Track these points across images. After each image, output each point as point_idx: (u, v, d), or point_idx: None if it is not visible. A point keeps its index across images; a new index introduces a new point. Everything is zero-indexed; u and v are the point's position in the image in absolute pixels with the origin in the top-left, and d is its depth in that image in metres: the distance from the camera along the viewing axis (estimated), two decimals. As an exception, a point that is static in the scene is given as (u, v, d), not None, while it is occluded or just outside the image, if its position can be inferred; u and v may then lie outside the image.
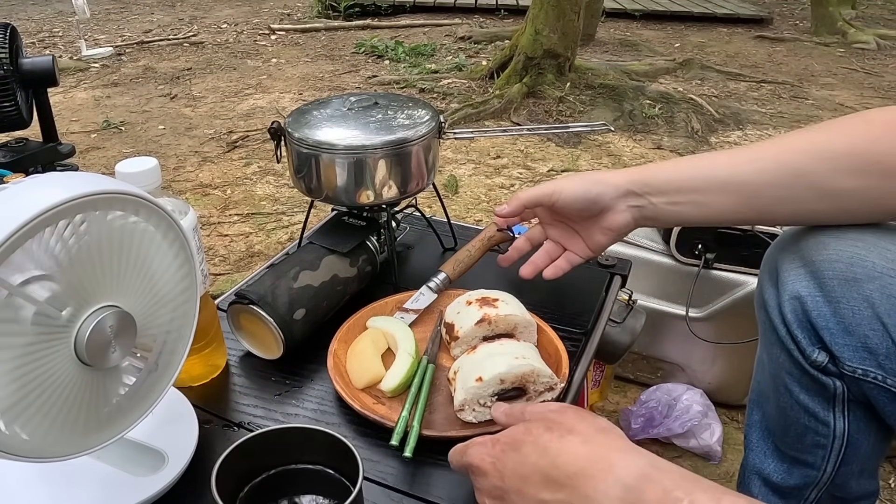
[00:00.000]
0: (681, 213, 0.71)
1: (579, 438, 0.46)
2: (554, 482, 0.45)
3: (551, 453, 0.46)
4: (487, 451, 0.51)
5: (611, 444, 0.45)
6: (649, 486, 0.41)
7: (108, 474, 0.61)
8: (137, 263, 0.53)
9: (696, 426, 1.22)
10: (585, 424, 0.48)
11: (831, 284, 0.65)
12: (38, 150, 1.42)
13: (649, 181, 0.72)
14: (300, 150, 0.89)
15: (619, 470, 0.43)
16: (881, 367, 0.64)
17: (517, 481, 0.47)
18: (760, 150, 0.68)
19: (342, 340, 0.79)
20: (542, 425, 0.49)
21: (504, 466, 0.49)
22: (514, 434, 0.50)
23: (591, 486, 0.43)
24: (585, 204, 0.74)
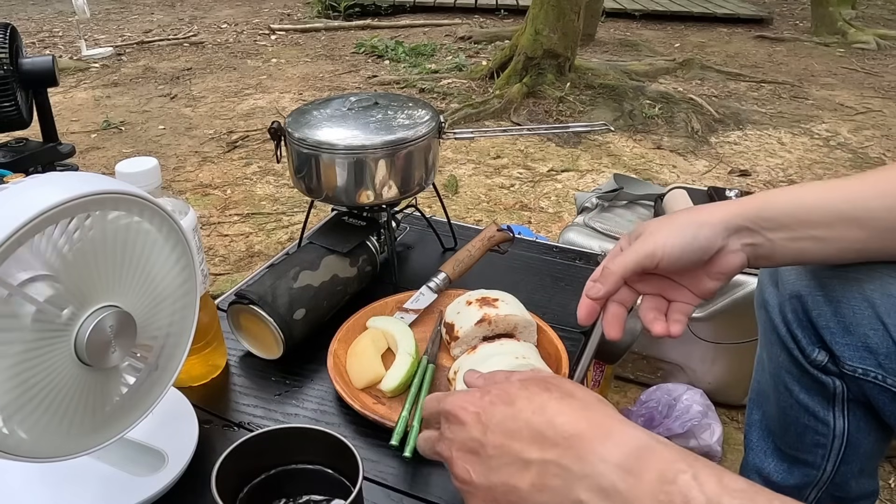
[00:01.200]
0: (801, 251, 0.61)
1: (579, 403, 0.44)
2: (546, 440, 0.43)
3: (549, 412, 0.44)
4: (472, 401, 0.47)
5: (612, 415, 0.43)
6: (651, 456, 0.39)
7: (108, 474, 0.61)
8: (137, 263, 0.53)
9: (696, 426, 1.22)
10: (584, 392, 0.46)
11: (832, 284, 0.65)
12: (38, 150, 1.42)
13: (764, 214, 0.61)
14: (300, 150, 0.89)
15: (620, 437, 0.41)
16: (881, 366, 0.64)
17: (501, 436, 0.44)
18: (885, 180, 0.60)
19: (342, 340, 0.79)
20: (540, 385, 0.46)
21: (490, 419, 0.45)
22: (509, 388, 0.47)
23: (588, 448, 0.41)
24: (696, 255, 0.61)
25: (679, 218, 0.62)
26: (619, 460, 0.40)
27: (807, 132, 2.96)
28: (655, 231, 0.61)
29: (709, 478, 0.37)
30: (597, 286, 0.62)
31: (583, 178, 2.45)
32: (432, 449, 0.51)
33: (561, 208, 2.20)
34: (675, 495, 0.37)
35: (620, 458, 0.40)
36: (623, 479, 0.39)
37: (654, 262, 0.60)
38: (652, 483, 0.38)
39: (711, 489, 0.37)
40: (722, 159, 2.66)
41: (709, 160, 2.66)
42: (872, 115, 3.20)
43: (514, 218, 2.14)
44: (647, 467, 0.39)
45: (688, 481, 0.37)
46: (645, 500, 0.38)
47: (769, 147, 2.80)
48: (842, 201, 0.60)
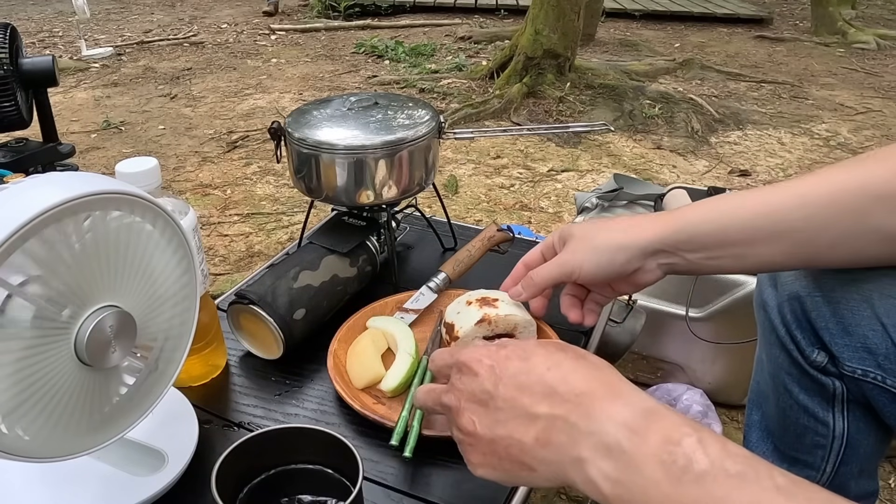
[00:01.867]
0: (720, 266, 0.63)
1: (592, 365, 0.45)
2: (557, 396, 0.43)
3: (564, 369, 0.45)
4: (488, 354, 0.48)
5: (622, 379, 0.45)
6: (658, 418, 0.40)
7: (109, 474, 0.61)
8: (137, 263, 0.53)
9: (695, 426, 1.22)
10: (596, 357, 0.47)
11: (831, 284, 0.65)
12: (38, 150, 1.42)
13: (682, 237, 0.62)
14: (300, 150, 0.89)
15: (629, 398, 0.42)
16: (881, 367, 0.64)
17: (513, 389, 0.45)
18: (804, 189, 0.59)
19: (342, 340, 0.79)
20: (556, 345, 0.48)
21: (504, 372, 0.46)
22: (525, 345, 0.48)
23: (597, 406, 0.42)
24: (610, 275, 0.66)
25: (599, 238, 0.65)
26: (626, 419, 0.40)
27: (807, 132, 2.96)
28: (577, 250, 0.66)
29: (713, 443, 0.38)
30: (517, 290, 0.72)
31: (583, 178, 2.46)
32: (437, 401, 0.52)
33: (561, 208, 2.20)
34: (678, 456, 0.38)
35: (628, 418, 0.40)
36: (628, 438, 0.40)
37: (571, 279, 0.68)
38: (657, 444, 0.39)
39: (715, 453, 0.37)
40: (722, 159, 2.66)
41: (709, 160, 2.66)
42: (872, 115, 3.20)
43: (514, 218, 2.14)
44: (654, 428, 0.39)
45: (692, 444, 0.38)
46: (648, 459, 0.38)
47: (769, 147, 2.80)
48: (760, 216, 0.60)
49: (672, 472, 0.38)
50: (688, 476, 0.37)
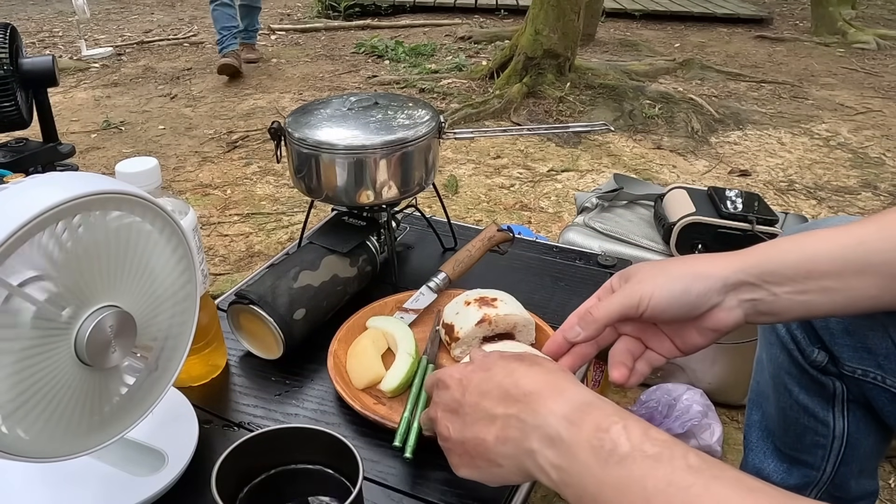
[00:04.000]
0: (808, 304, 0.56)
1: (544, 369, 0.51)
2: (510, 398, 0.49)
3: (516, 375, 0.51)
4: (458, 370, 0.55)
5: (569, 379, 0.50)
6: (592, 410, 0.46)
7: (109, 474, 0.61)
8: (137, 263, 0.53)
9: (696, 426, 1.22)
10: (552, 364, 0.54)
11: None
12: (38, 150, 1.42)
13: (768, 267, 0.56)
14: (300, 150, 0.89)
15: (569, 394, 0.48)
16: (881, 367, 0.64)
17: (476, 395, 0.52)
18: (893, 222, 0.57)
19: (342, 340, 0.79)
20: (516, 356, 0.54)
21: (469, 382, 0.53)
22: (488, 359, 0.55)
23: (541, 402, 0.48)
24: (685, 309, 0.57)
25: (674, 267, 0.58)
26: (565, 412, 0.46)
27: (807, 132, 2.96)
28: (645, 279, 0.58)
29: (636, 428, 0.43)
30: (576, 330, 0.59)
31: (583, 178, 2.45)
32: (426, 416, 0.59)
33: (561, 208, 2.20)
34: (605, 441, 0.43)
35: (566, 411, 0.46)
36: (567, 429, 0.45)
37: (639, 312, 0.57)
38: (589, 431, 0.44)
39: (636, 437, 0.43)
40: (722, 159, 2.66)
41: (709, 160, 2.65)
42: (872, 115, 3.20)
43: (514, 218, 2.14)
44: (587, 418, 0.45)
45: (618, 430, 0.43)
46: (582, 445, 0.44)
47: (769, 147, 2.80)
48: (849, 247, 0.56)
49: (600, 456, 0.43)
50: (613, 458, 0.42)
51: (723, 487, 0.39)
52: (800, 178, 2.49)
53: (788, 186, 2.42)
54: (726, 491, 0.39)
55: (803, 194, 2.36)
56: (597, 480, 0.43)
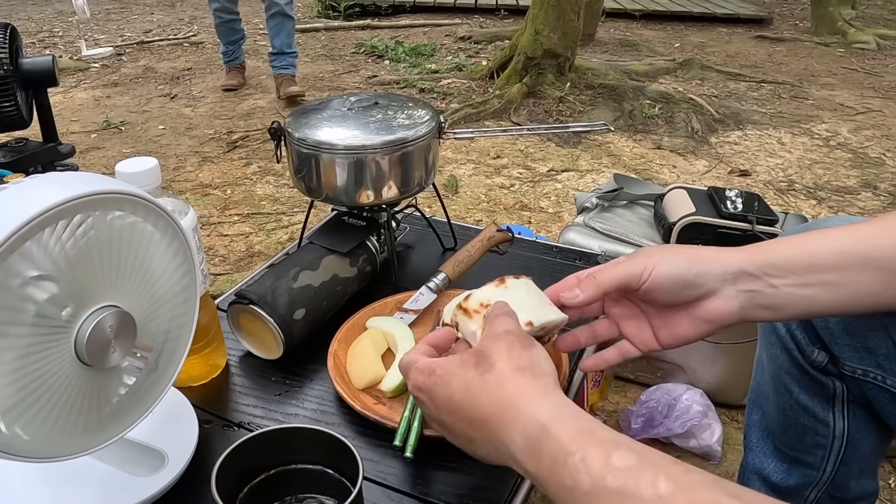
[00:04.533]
0: (809, 298, 0.56)
1: (496, 379, 0.48)
2: (473, 422, 0.48)
3: (472, 393, 0.48)
4: (423, 382, 0.53)
5: (522, 389, 0.47)
6: (546, 440, 0.43)
7: (109, 474, 0.61)
8: (137, 263, 0.53)
9: (696, 426, 1.22)
10: (505, 362, 0.49)
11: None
12: (38, 150, 1.42)
13: (771, 259, 0.56)
14: (300, 150, 0.89)
15: (523, 420, 0.45)
16: (881, 367, 0.64)
17: (448, 416, 0.51)
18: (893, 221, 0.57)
19: (342, 341, 0.79)
20: (474, 359, 0.50)
21: (435, 399, 0.51)
22: (448, 367, 0.51)
23: (500, 431, 0.46)
24: (681, 287, 0.56)
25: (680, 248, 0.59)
26: (523, 444, 0.44)
27: (807, 132, 2.96)
28: (651, 253, 0.58)
29: (596, 459, 0.40)
30: (575, 292, 0.58)
31: (583, 178, 2.45)
32: None
33: (561, 208, 2.20)
34: (565, 477, 0.41)
35: (524, 443, 0.44)
36: (529, 462, 0.44)
37: (640, 282, 0.56)
38: (548, 467, 0.42)
39: (596, 470, 0.40)
40: (722, 159, 2.66)
41: (709, 160, 2.65)
42: (872, 115, 3.20)
43: (514, 218, 2.14)
44: (544, 450, 0.43)
45: (575, 464, 0.41)
46: (547, 481, 0.43)
47: (769, 147, 2.80)
48: (850, 241, 0.56)
49: (564, 490, 0.41)
50: (577, 494, 0.40)
51: None
52: (800, 178, 2.49)
53: (788, 186, 2.42)
54: None
55: (803, 194, 2.36)
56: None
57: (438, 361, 0.53)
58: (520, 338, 0.51)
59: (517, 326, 0.53)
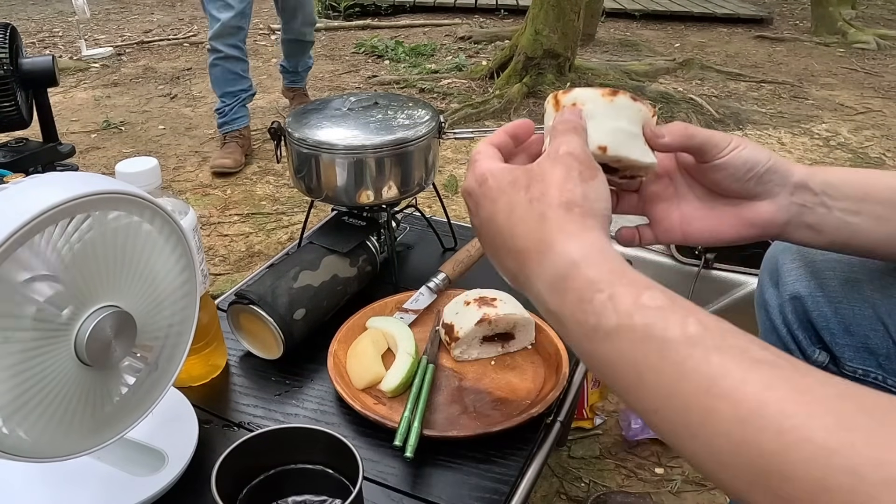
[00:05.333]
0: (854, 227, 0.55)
1: (539, 211, 0.44)
2: (510, 250, 0.46)
3: (514, 219, 0.45)
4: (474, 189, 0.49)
5: (562, 226, 0.43)
6: (575, 276, 0.41)
7: (109, 474, 0.61)
8: (137, 263, 0.53)
9: (696, 426, 1.22)
10: (556, 191, 0.45)
11: (832, 285, 0.65)
12: (38, 150, 1.42)
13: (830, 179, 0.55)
14: (300, 150, 0.89)
15: (554, 256, 0.42)
16: (882, 367, 0.64)
17: (486, 233, 0.48)
18: None
19: (342, 341, 0.79)
20: (526, 178, 0.46)
21: (479, 212, 0.48)
22: (501, 181, 0.47)
23: (530, 266, 0.44)
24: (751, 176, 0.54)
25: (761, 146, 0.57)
26: (548, 280, 0.42)
27: (807, 132, 2.96)
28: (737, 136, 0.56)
29: (625, 297, 0.39)
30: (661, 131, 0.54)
31: (583, 178, 2.45)
32: None
33: (561, 208, 2.20)
34: (589, 314, 0.39)
35: (550, 279, 0.42)
36: (552, 299, 0.42)
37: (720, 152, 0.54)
38: (572, 303, 0.40)
39: (625, 307, 0.38)
40: (722, 159, 2.66)
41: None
42: (872, 115, 3.20)
43: (514, 218, 2.13)
44: (569, 287, 0.41)
45: (602, 301, 0.39)
46: (567, 318, 0.41)
47: (769, 147, 2.80)
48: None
49: (586, 331, 0.39)
50: (598, 334, 0.39)
51: (723, 359, 0.34)
52: (800, 178, 2.49)
53: (788, 186, 2.42)
54: (727, 364, 0.34)
55: (803, 194, 2.36)
56: (587, 354, 0.40)
57: (494, 170, 0.48)
58: (581, 164, 0.46)
59: (583, 149, 0.48)
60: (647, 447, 1.26)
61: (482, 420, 0.70)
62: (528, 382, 0.76)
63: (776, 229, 0.56)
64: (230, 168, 2.37)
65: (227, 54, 2.36)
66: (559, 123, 0.50)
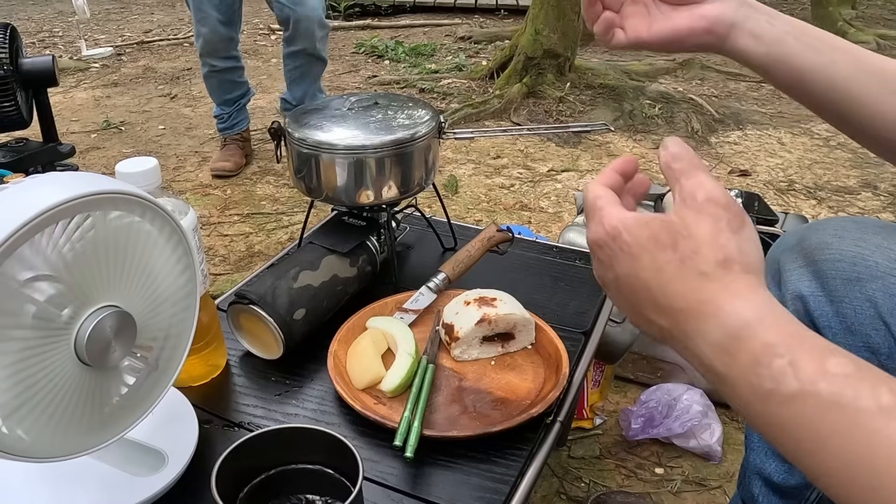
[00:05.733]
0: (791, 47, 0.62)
1: (695, 270, 0.42)
2: (660, 308, 0.43)
3: (664, 278, 0.43)
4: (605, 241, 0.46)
5: (727, 285, 0.41)
6: (750, 337, 0.39)
7: (109, 474, 0.61)
8: (137, 263, 0.53)
9: (696, 426, 1.22)
10: (709, 249, 0.42)
11: (834, 284, 0.65)
12: (38, 150, 1.43)
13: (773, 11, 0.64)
14: (300, 150, 0.89)
15: (724, 316, 0.40)
16: (883, 367, 0.63)
17: (627, 290, 0.45)
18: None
19: (342, 341, 0.79)
20: (670, 236, 0.43)
21: (615, 268, 0.45)
22: (638, 237, 0.44)
23: (693, 324, 0.41)
24: None
25: None
26: (717, 340, 0.40)
27: (807, 132, 2.96)
28: None
29: (808, 363, 0.37)
30: None
31: (583, 178, 2.45)
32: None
33: (561, 208, 2.20)
34: (765, 379, 0.37)
35: (719, 338, 0.40)
36: (719, 359, 0.40)
37: None
38: (746, 365, 0.38)
39: (808, 375, 0.36)
40: (722, 159, 2.66)
41: (709, 160, 2.65)
42: (872, 116, 3.19)
43: (514, 218, 2.13)
44: (743, 349, 0.39)
45: (782, 367, 0.37)
46: (738, 380, 0.39)
47: (769, 147, 2.80)
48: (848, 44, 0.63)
49: (759, 394, 0.37)
50: (774, 398, 0.37)
51: None
52: (800, 178, 2.49)
53: (788, 186, 2.42)
54: None
55: (803, 194, 2.36)
56: (755, 414, 0.38)
57: (626, 222, 0.45)
58: (728, 213, 0.43)
59: (721, 191, 0.44)
60: (647, 447, 1.26)
61: (482, 420, 0.70)
62: (528, 382, 0.76)
63: (724, 28, 0.63)
64: (230, 171, 2.34)
65: (221, 67, 2.30)
66: (672, 161, 0.48)
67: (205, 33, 2.22)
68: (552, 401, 0.71)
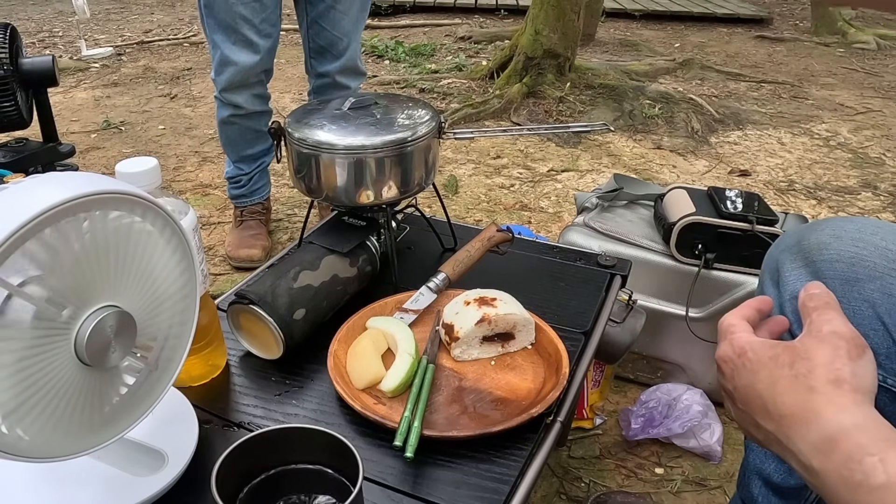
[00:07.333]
0: None
1: (807, 385, 0.48)
2: (768, 414, 0.49)
3: (777, 390, 0.49)
4: (731, 357, 0.53)
5: (831, 399, 0.47)
6: (844, 440, 0.44)
7: (109, 474, 0.61)
8: (137, 263, 0.53)
9: (696, 426, 1.22)
10: (824, 370, 0.48)
11: (832, 284, 0.65)
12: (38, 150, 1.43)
13: None
14: (300, 150, 0.89)
15: (824, 423, 0.46)
16: (882, 367, 0.64)
17: (742, 401, 0.52)
18: None
19: (342, 341, 0.79)
20: (790, 357, 0.50)
21: (736, 379, 0.53)
22: (761, 356, 0.52)
23: (794, 429, 0.47)
24: None
25: None
26: (815, 442, 0.46)
27: (807, 132, 2.96)
28: None
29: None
30: None
31: (583, 178, 2.45)
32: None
33: (561, 208, 2.20)
34: (856, 472, 0.42)
35: (817, 441, 0.45)
36: (815, 457, 0.45)
37: None
38: (839, 462, 0.44)
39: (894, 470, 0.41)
40: (722, 159, 2.66)
41: (709, 160, 2.65)
42: (872, 115, 3.20)
43: (514, 218, 2.13)
44: (838, 448, 0.44)
45: (873, 463, 0.42)
46: (831, 475, 0.44)
47: (769, 147, 2.80)
48: None
49: (849, 485, 0.43)
50: (863, 488, 0.42)
51: None
52: (800, 178, 2.49)
53: (788, 186, 2.42)
54: None
55: (803, 194, 2.36)
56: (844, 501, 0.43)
57: (753, 344, 0.53)
58: (848, 343, 0.50)
59: (847, 327, 0.51)
60: (647, 447, 1.26)
61: (482, 420, 0.70)
62: (528, 382, 0.76)
63: None
64: (259, 260, 1.71)
65: (249, 111, 1.65)
66: (808, 300, 0.54)
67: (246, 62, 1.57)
68: (552, 401, 0.71)
